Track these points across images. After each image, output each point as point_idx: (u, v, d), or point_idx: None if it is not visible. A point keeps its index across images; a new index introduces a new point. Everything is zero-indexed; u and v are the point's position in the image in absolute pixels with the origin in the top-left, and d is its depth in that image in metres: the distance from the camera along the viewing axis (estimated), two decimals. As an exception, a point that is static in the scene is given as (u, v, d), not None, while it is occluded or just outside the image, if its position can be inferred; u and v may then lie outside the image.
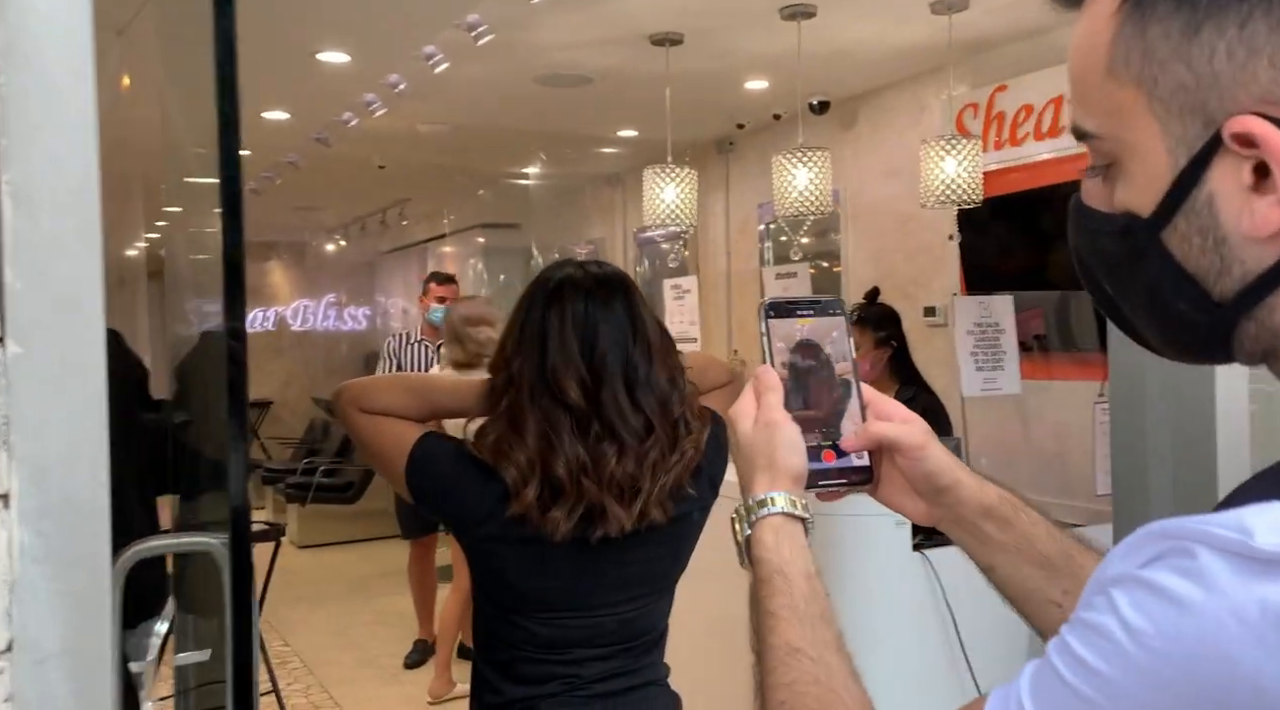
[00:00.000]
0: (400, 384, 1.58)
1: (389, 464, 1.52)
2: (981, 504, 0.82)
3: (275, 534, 3.68)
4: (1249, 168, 0.54)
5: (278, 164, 5.97)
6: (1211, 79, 0.54)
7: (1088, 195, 0.62)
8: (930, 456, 0.82)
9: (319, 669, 5.00)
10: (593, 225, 7.23)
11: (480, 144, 5.90)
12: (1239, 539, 0.46)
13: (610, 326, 1.45)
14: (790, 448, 0.81)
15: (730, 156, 5.83)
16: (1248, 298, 0.56)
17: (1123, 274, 0.62)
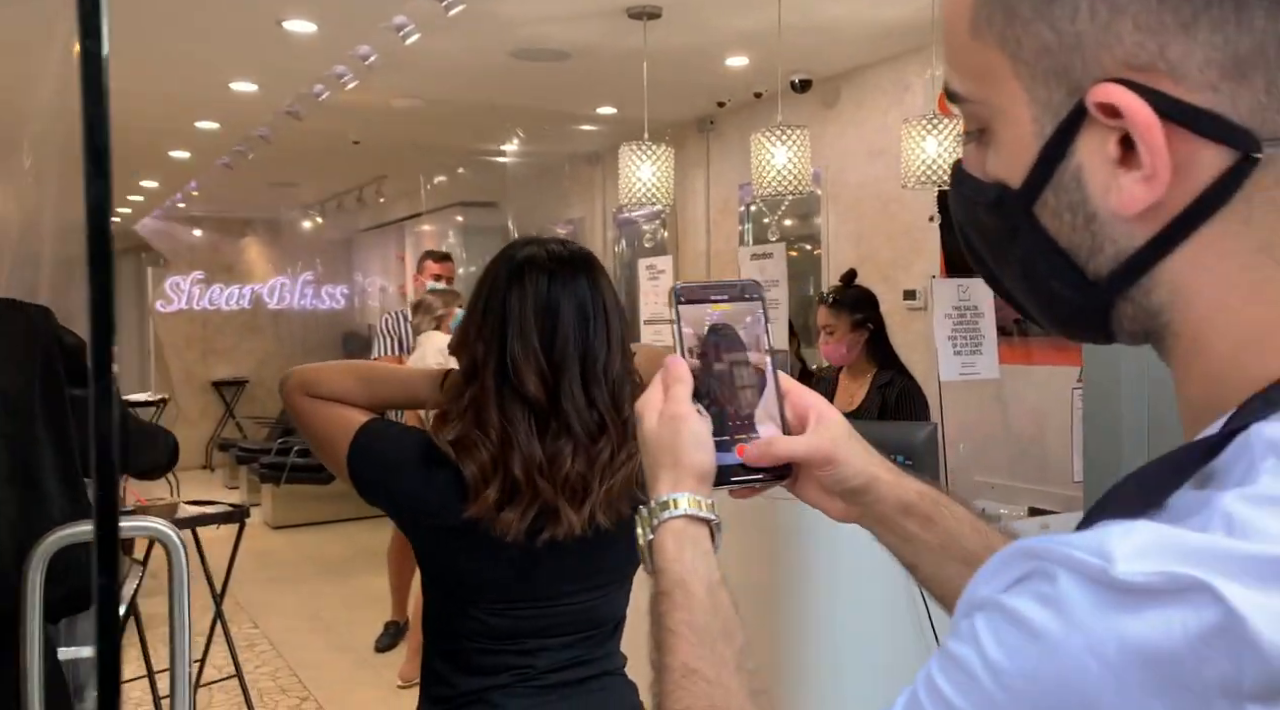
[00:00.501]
0: (351, 372, 1.50)
1: (332, 450, 1.45)
2: (901, 501, 0.78)
3: (239, 516, 3.60)
4: (1115, 140, 0.49)
5: (249, 138, 5.85)
6: (1075, 41, 0.49)
7: (967, 161, 0.57)
8: (840, 467, 0.78)
9: (288, 652, 4.93)
10: (572, 205, 7.14)
11: (456, 120, 5.80)
12: (1098, 565, 0.42)
13: (571, 308, 1.38)
14: (696, 443, 0.75)
15: (711, 135, 5.75)
16: (1121, 278, 0.52)
17: (999, 247, 0.57)
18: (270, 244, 10.88)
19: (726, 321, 0.80)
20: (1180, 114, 0.47)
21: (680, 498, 0.74)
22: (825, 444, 0.77)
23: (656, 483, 0.76)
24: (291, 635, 5.16)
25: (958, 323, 3.13)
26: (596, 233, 6.79)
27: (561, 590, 1.43)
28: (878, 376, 3.34)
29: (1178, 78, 0.47)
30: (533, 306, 1.37)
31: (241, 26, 3.79)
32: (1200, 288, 0.50)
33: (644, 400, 0.79)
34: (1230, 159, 0.47)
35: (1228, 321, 0.49)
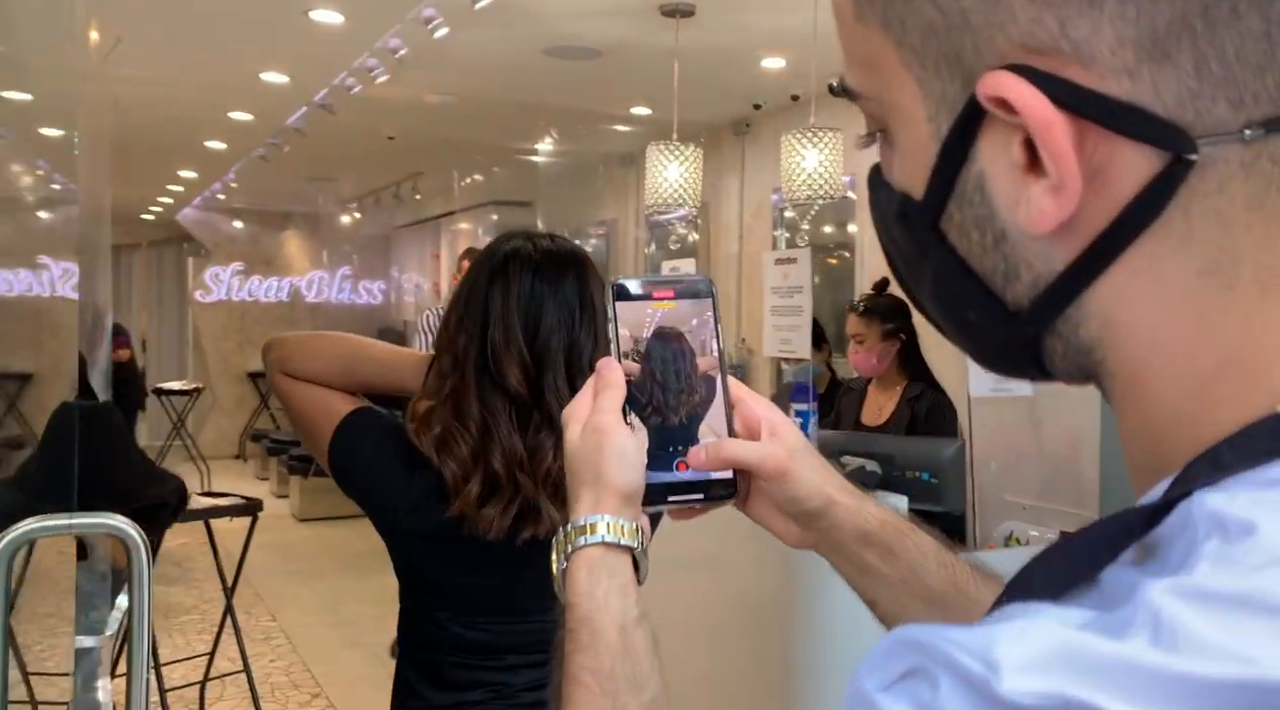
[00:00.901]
0: (332, 350, 1.42)
1: (314, 437, 1.39)
2: (859, 529, 0.70)
3: (253, 509, 3.57)
4: (1019, 141, 0.39)
5: (284, 130, 5.86)
6: (962, 20, 0.39)
7: (883, 164, 0.48)
8: (794, 483, 0.69)
9: (303, 646, 4.91)
10: (605, 206, 7.08)
11: (489, 117, 5.77)
12: (981, 675, 0.33)
13: (556, 304, 1.32)
14: (619, 459, 0.67)
15: (746, 138, 5.66)
16: (1043, 309, 0.41)
17: (912, 267, 0.47)
18: (309, 237, 10.96)
19: (671, 321, 0.72)
20: (1090, 107, 0.37)
21: (599, 521, 0.66)
22: (779, 453, 0.69)
23: (575, 503, 0.68)
24: (308, 630, 5.14)
25: (989, 336, 3.00)
26: (629, 234, 6.73)
27: (541, 605, 1.36)
28: (908, 389, 3.23)
29: (1086, 62, 0.37)
30: (516, 297, 1.31)
31: (269, 16, 3.78)
32: (1135, 321, 0.39)
33: (571, 407, 0.71)
34: (1159, 162, 0.37)
35: (1169, 363, 0.39)
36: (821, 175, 3.42)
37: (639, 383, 0.71)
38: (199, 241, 10.90)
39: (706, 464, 0.70)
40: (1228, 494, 0.34)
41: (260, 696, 3.96)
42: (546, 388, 1.29)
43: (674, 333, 0.72)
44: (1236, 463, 0.35)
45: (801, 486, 0.69)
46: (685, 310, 0.73)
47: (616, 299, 0.72)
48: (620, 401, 0.69)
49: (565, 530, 0.68)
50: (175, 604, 5.56)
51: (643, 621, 0.64)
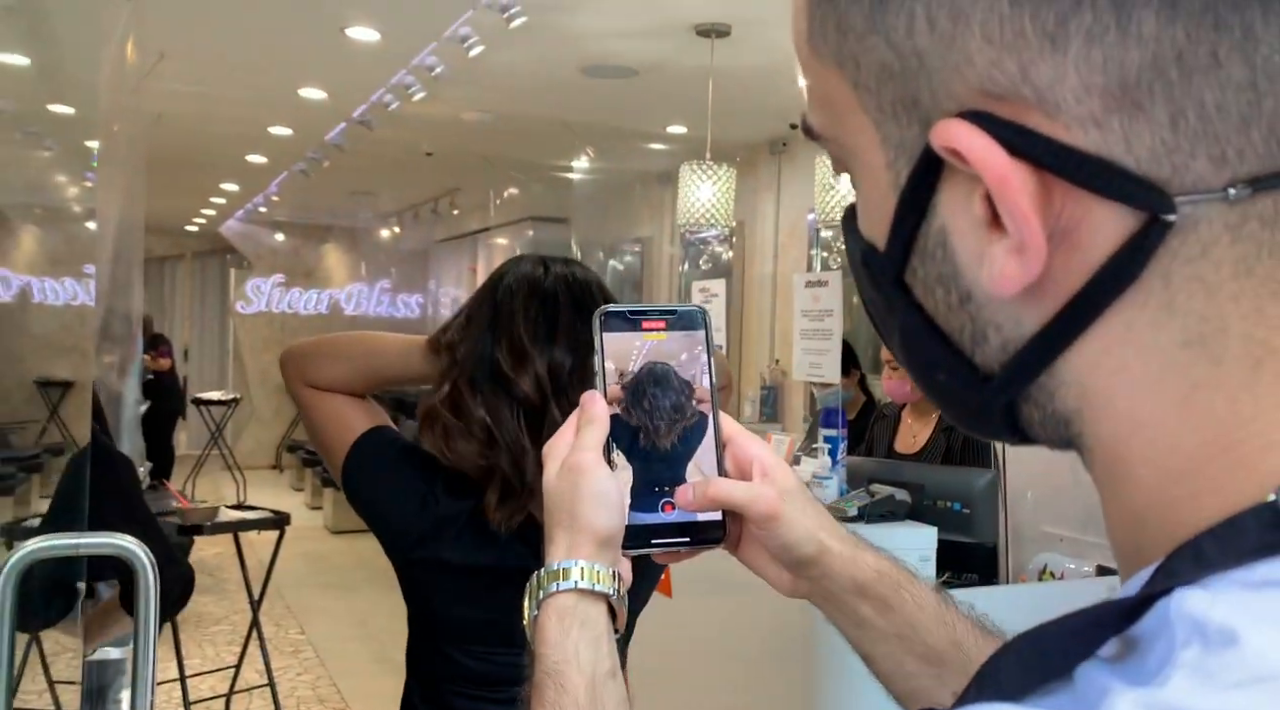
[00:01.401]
0: (345, 349, 1.38)
1: (331, 456, 1.37)
2: (854, 580, 0.66)
3: (280, 522, 3.58)
4: (981, 194, 0.35)
5: (323, 145, 5.93)
6: (917, 62, 0.35)
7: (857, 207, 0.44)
8: (785, 527, 0.65)
9: (331, 661, 4.91)
10: (641, 224, 7.07)
11: (526, 135, 5.79)
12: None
13: (570, 332, 1.28)
14: (597, 500, 0.64)
15: (783, 157, 5.62)
16: (1015, 375, 0.37)
17: (881, 319, 0.44)
18: (348, 251, 11.07)
19: (661, 354, 0.69)
20: (1055, 160, 0.33)
21: (572, 566, 0.63)
22: (769, 495, 0.65)
23: (550, 546, 0.65)
24: (337, 643, 5.15)
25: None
26: (664, 252, 6.71)
27: None
28: (943, 418, 3.17)
29: (1050, 109, 0.33)
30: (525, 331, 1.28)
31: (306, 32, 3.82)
32: (1113, 394, 0.36)
33: (551, 443, 0.68)
34: (1134, 222, 0.33)
35: (1149, 442, 0.35)
36: (856, 197, 3.38)
37: (625, 417, 0.68)
38: (241, 253, 11.05)
39: (693, 504, 0.66)
40: (1210, 594, 0.30)
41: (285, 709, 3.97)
42: (568, 393, 1.25)
43: (663, 366, 0.69)
44: (1221, 558, 0.31)
45: (792, 531, 0.65)
46: (676, 342, 0.70)
47: (603, 329, 0.69)
48: (602, 438, 0.66)
49: (538, 575, 0.65)
50: (206, 614, 5.60)
51: (615, 675, 0.61)
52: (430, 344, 1.32)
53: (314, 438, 1.40)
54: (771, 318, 5.56)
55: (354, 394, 1.37)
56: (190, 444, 10.30)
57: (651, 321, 0.70)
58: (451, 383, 1.27)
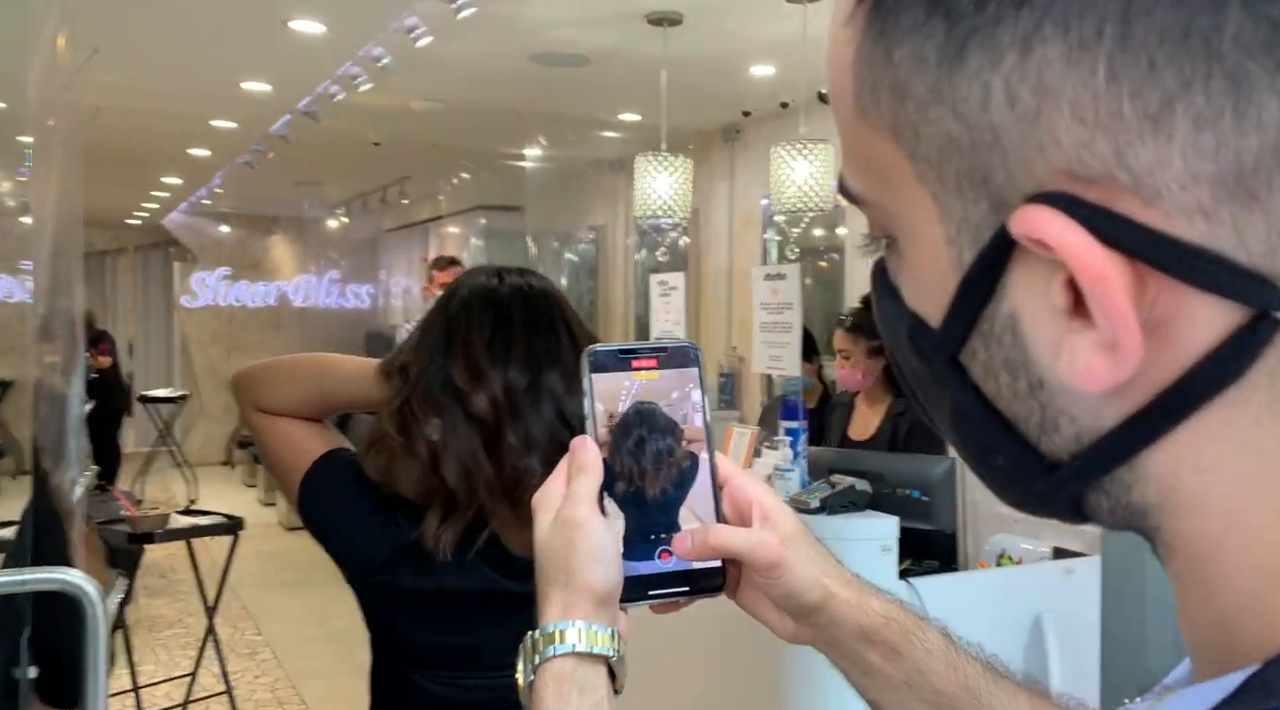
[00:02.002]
0: (296, 372, 1.33)
1: (286, 482, 1.33)
2: (861, 626, 0.64)
3: (234, 528, 3.51)
4: (1060, 282, 0.32)
5: (268, 137, 5.80)
6: (991, 136, 0.32)
7: (891, 269, 0.41)
8: (789, 575, 0.63)
9: (290, 662, 4.84)
10: (595, 211, 7.03)
11: (477, 124, 5.72)
12: None
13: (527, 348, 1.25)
14: (594, 556, 0.61)
15: (736, 145, 5.61)
16: (1087, 466, 0.35)
17: (928, 393, 0.40)
18: (296, 242, 10.88)
19: (652, 394, 0.66)
20: (1153, 251, 0.30)
21: (569, 628, 0.60)
22: (772, 542, 0.63)
23: (544, 604, 0.62)
24: (296, 644, 5.07)
25: (981, 352, 2.96)
26: (619, 240, 6.67)
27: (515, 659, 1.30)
28: (894, 405, 3.19)
29: (1147, 196, 0.30)
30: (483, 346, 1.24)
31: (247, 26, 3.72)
32: (1202, 493, 0.33)
33: (541, 494, 0.65)
34: (1239, 317, 0.31)
35: (1246, 545, 0.33)
36: (811, 187, 3.37)
37: (616, 462, 0.65)
38: (185, 246, 10.81)
39: (692, 553, 0.64)
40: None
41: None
42: (521, 418, 1.22)
43: (653, 408, 0.66)
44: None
45: (797, 579, 0.63)
46: (668, 381, 0.67)
47: (592, 369, 0.66)
48: (596, 487, 0.63)
49: (533, 637, 0.62)
50: (159, 617, 5.48)
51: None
52: (382, 369, 1.29)
53: (268, 463, 1.36)
54: (728, 305, 5.56)
55: (307, 418, 1.33)
56: (138, 442, 10.08)
57: (642, 360, 0.67)
58: (402, 402, 1.24)
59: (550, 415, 1.23)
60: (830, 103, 0.40)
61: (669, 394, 0.67)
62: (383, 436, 1.24)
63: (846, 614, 0.64)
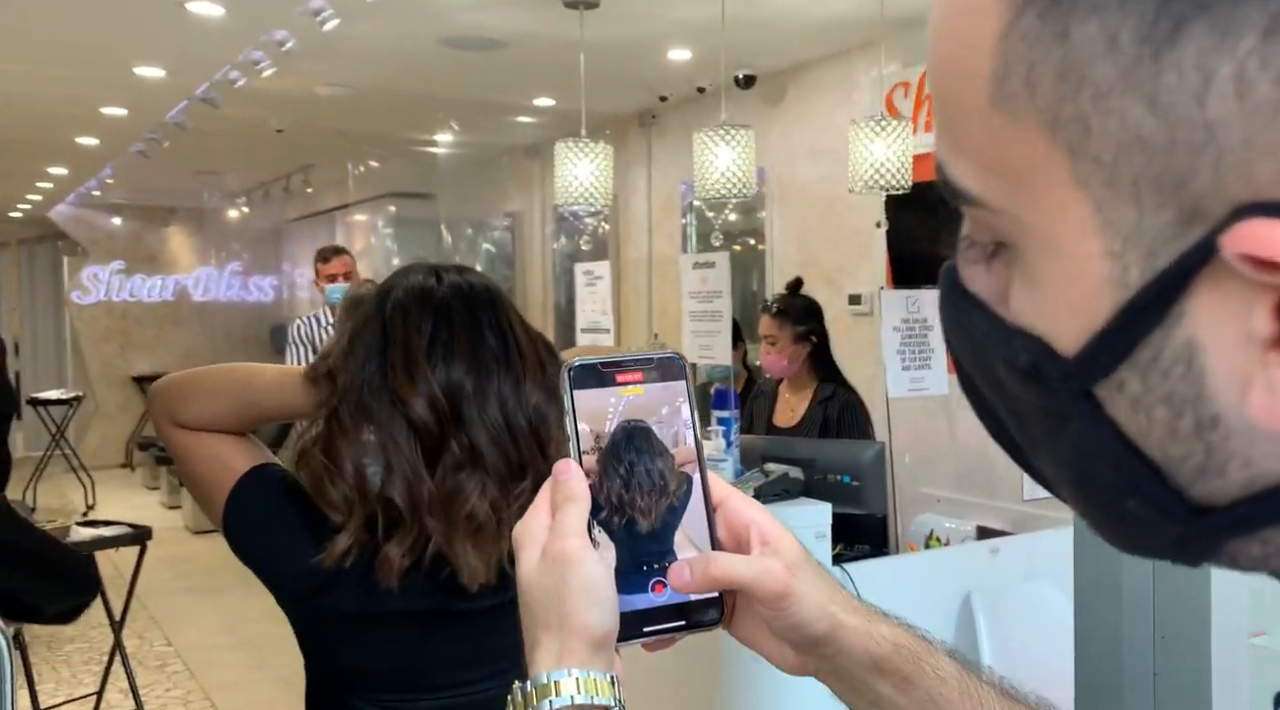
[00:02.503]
0: (216, 384, 1.24)
1: (209, 502, 1.24)
2: (870, 655, 0.59)
3: (141, 538, 3.32)
4: (1269, 307, 0.28)
5: (163, 125, 5.53)
6: (1202, 134, 0.27)
7: (971, 277, 0.36)
8: (797, 605, 0.58)
9: (203, 673, 4.65)
10: (509, 198, 6.91)
11: (386, 109, 5.55)
12: None
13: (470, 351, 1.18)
14: (589, 595, 0.56)
15: (653, 130, 5.56)
16: (1255, 514, 0.31)
17: (1032, 429, 0.36)
18: (195, 233, 10.46)
19: (639, 411, 0.61)
20: None
21: (564, 679, 0.54)
22: (777, 571, 0.58)
23: (535, 650, 0.56)
24: (208, 653, 4.88)
25: (906, 336, 2.98)
26: (535, 228, 6.57)
27: (462, 678, 1.23)
28: (819, 390, 3.20)
29: None
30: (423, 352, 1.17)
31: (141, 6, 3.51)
32: None
33: (524, 526, 0.59)
34: None
35: None
36: (735, 173, 3.34)
37: (604, 488, 0.59)
38: (74, 240, 10.29)
39: (692, 585, 0.58)
40: None
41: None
42: (464, 425, 1.15)
43: (641, 426, 0.61)
44: None
45: (805, 609, 0.58)
46: (655, 396, 0.62)
47: (574, 386, 0.60)
48: (585, 517, 0.58)
49: (524, 689, 0.56)
50: (58, 632, 5.21)
51: None
52: (308, 374, 1.20)
53: (189, 483, 1.26)
54: (649, 293, 5.52)
55: (229, 432, 1.24)
56: (28, 446, 9.59)
57: (626, 374, 0.61)
58: (329, 415, 1.16)
59: (498, 421, 1.16)
60: (934, 83, 0.34)
61: (658, 410, 0.61)
62: (307, 453, 1.16)
63: (855, 643, 0.59)
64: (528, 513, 0.60)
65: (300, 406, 1.19)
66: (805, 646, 0.60)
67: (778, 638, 0.61)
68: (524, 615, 0.58)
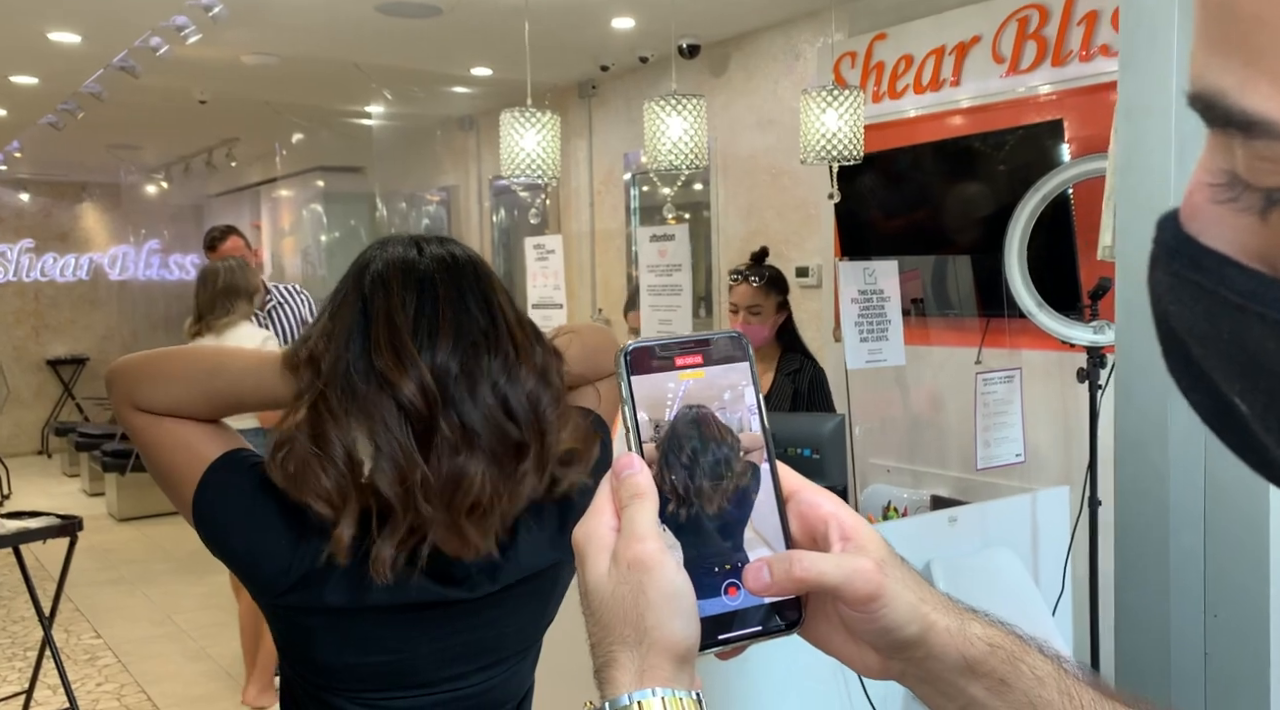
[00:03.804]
0: (181, 369, 1.14)
1: (176, 492, 1.14)
2: (964, 657, 0.54)
3: (71, 529, 3.16)
4: None
5: (78, 95, 5.24)
6: None
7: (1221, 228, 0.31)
8: (888, 608, 0.53)
9: (136, 665, 4.48)
10: (444, 172, 6.74)
11: (315, 79, 5.34)
12: None
13: (456, 328, 1.10)
14: (670, 605, 0.50)
15: (593, 101, 5.46)
16: None
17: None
18: (110, 210, 10.02)
19: (700, 397, 0.56)
20: None
21: (649, 699, 0.49)
22: (868, 570, 0.52)
23: (611, 669, 0.50)
24: (140, 645, 4.70)
25: (864, 308, 2.96)
26: (471, 201, 6.43)
27: (450, 673, 1.17)
28: (783, 361, 3.16)
29: None
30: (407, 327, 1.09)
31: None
32: None
33: (586, 528, 0.53)
34: None
35: None
36: (686, 144, 3.27)
37: (667, 481, 0.54)
38: (-22, 217, 9.79)
39: (773, 587, 0.53)
40: None
41: (89, 734, 3.58)
42: (452, 408, 1.08)
43: (704, 413, 0.55)
44: None
45: (896, 611, 0.53)
46: (717, 380, 0.56)
47: (631, 371, 0.55)
48: (656, 516, 0.52)
49: None
50: (-16, 621, 4.98)
51: None
52: (287, 361, 1.11)
53: (153, 470, 1.16)
54: (592, 269, 5.44)
55: (196, 420, 1.14)
56: (-64, 435, 9.15)
57: (686, 356, 0.56)
58: (315, 400, 1.08)
59: (490, 402, 1.09)
60: None
61: (720, 395, 0.56)
62: (290, 441, 1.07)
63: (947, 645, 0.54)
64: (588, 513, 0.54)
65: (278, 394, 1.10)
66: (892, 650, 0.55)
67: (858, 641, 0.56)
68: (593, 628, 0.52)
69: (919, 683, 0.56)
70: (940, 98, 3.67)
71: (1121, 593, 1.38)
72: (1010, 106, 3.46)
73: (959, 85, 3.61)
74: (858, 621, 0.54)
